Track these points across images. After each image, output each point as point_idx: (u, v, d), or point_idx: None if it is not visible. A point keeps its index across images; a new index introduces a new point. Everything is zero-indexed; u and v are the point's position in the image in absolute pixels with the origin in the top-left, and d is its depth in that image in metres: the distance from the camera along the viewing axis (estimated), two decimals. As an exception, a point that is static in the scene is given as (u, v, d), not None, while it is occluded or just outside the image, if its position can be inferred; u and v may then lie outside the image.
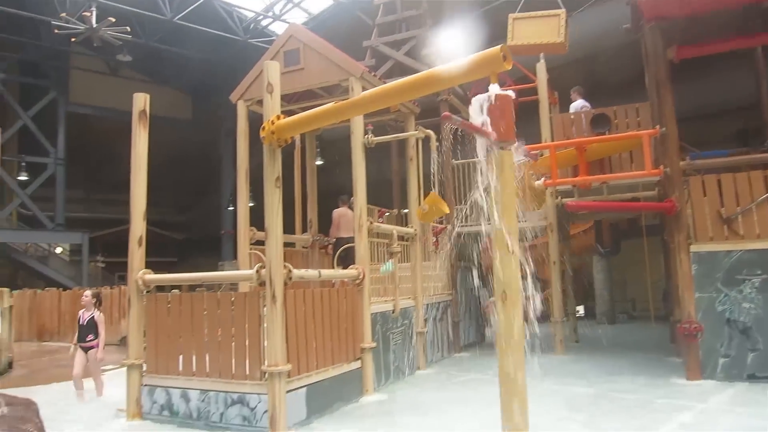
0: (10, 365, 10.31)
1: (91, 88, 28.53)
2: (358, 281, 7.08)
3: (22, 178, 26.87)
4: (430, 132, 8.61)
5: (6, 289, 10.75)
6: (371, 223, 7.52)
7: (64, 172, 27.30)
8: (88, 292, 8.05)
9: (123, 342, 13.63)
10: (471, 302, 11.40)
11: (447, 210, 8.30)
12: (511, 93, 3.21)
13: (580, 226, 14.63)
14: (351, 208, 8.17)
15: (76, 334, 7.71)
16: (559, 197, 9.66)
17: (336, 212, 9.44)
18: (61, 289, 16.56)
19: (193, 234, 36.87)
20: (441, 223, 10.13)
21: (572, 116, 9.64)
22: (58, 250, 29.20)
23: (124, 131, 8.08)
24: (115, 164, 23.59)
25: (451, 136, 9.86)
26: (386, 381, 7.62)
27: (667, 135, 7.44)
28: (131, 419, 6.22)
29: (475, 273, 11.51)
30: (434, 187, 8.32)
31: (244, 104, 8.46)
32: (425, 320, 9.04)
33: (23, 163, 27.05)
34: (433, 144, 8.49)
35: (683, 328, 6.96)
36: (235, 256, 10.77)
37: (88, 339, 7.58)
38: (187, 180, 33.03)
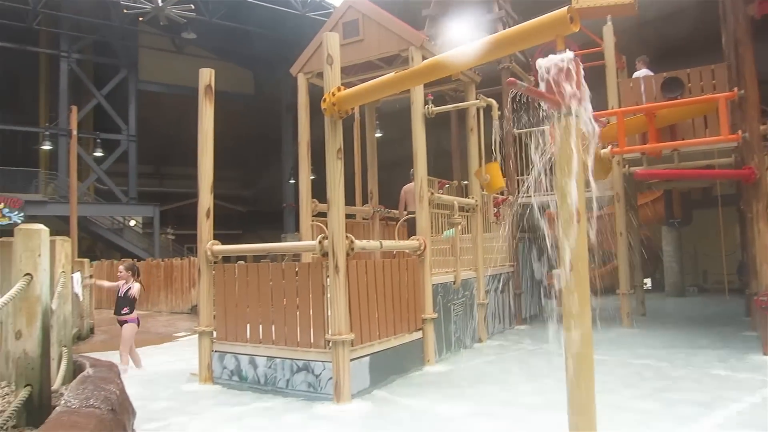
0: (91, 331, 11.02)
1: (158, 66, 29.56)
2: (419, 252, 7.09)
3: (98, 154, 28.29)
4: (492, 100, 8.42)
5: (86, 260, 11.44)
6: (432, 194, 7.48)
7: (135, 148, 28.58)
8: (121, 267, 7.85)
9: (193, 310, 14.29)
10: (533, 274, 11.23)
11: (502, 184, 8.17)
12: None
13: (648, 196, 14.08)
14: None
15: (114, 307, 7.60)
16: (627, 166, 9.30)
17: (403, 189, 9.33)
18: (135, 259, 17.44)
19: (256, 207, 37.87)
20: (502, 194, 9.97)
21: (642, 80, 9.17)
22: (132, 222, 30.68)
23: (191, 107, 8.33)
24: (183, 139, 24.45)
25: (514, 105, 9.63)
26: (447, 352, 7.66)
27: (745, 98, 6.99)
28: (203, 383, 6.52)
29: (537, 245, 11.32)
30: (495, 157, 8.18)
31: (304, 77, 8.53)
32: (486, 292, 8.98)
33: (98, 140, 28.45)
34: (495, 113, 8.31)
35: (760, 301, 6.63)
36: (297, 229, 10.99)
37: (123, 312, 7.41)
38: (250, 154, 33.83)
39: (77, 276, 8.16)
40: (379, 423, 4.97)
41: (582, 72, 2.91)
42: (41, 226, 3.44)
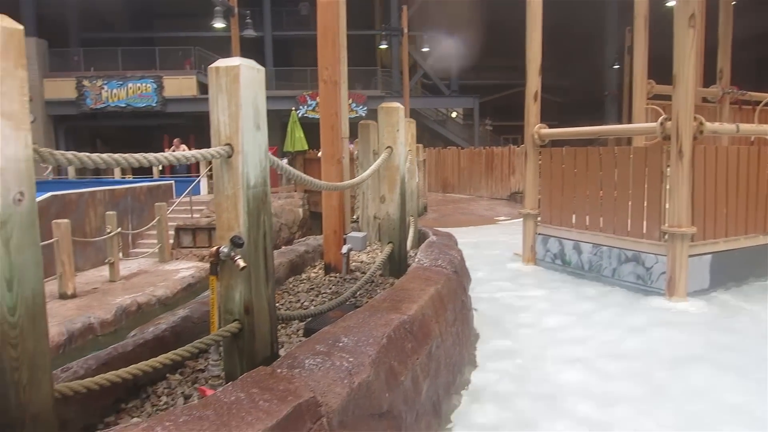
0: (425, 209, 12.36)
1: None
2: (787, 139, 5.86)
3: (425, 49, 30.24)
4: None
5: (420, 145, 12.63)
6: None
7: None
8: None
9: (512, 197, 14.78)
10: None
11: None
12: None
13: None
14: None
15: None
16: None
17: None
18: (460, 147, 18.62)
19: (572, 97, 36.21)
20: None
21: None
22: (454, 114, 32.59)
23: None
24: (503, 30, 24.34)
25: None
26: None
27: None
28: (526, 263, 6.77)
29: None
30: None
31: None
32: None
33: (425, 35, 30.27)
34: None
35: None
36: (617, 119, 10.14)
37: None
38: (567, 41, 31.98)
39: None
40: (717, 324, 4.48)
41: None
42: (398, 104, 3.83)
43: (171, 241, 12.08)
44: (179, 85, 25.05)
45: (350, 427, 1.95)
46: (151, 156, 1.78)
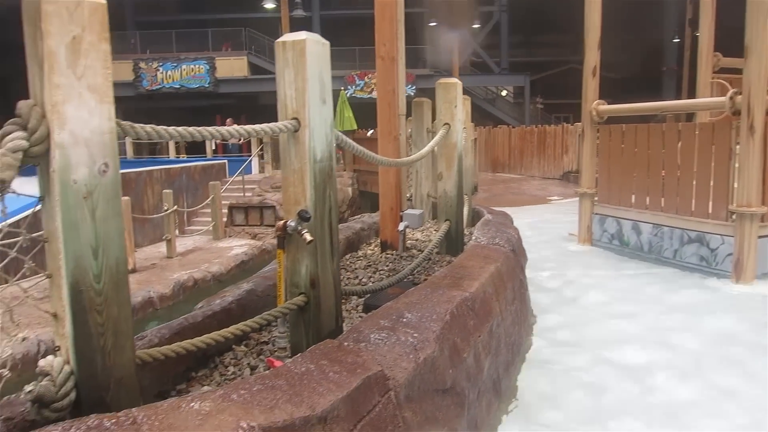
0: (475, 188, 12.22)
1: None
2: None
3: (476, 25, 29.68)
4: None
5: (472, 124, 12.44)
6: None
7: (507, 19, 28.92)
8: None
9: (564, 177, 14.45)
10: None
11: None
12: None
13: None
14: None
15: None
16: None
17: None
18: (510, 126, 18.28)
19: (627, 73, 34.93)
20: None
21: None
22: (503, 92, 31.95)
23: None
24: (554, 6, 23.61)
25: None
26: None
27: None
28: (581, 244, 6.62)
29: None
30: None
31: None
32: None
33: (474, 12, 29.69)
34: None
35: None
36: (676, 95, 9.70)
37: None
38: (622, 15, 30.75)
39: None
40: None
41: None
42: (456, 80, 3.76)
43: (224, 219, 12.37)
44: (230, 66, 25.44)
45: (416, 401, 1.95)
46: (223, 129, 1.80)
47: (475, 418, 2.42)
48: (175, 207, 10.58)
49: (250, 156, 16.71)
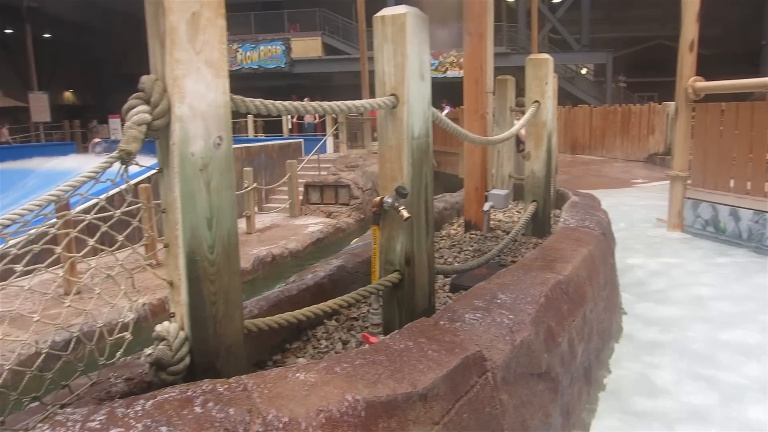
0: (556, 170, 11.83)
1: None
2: None
3: (556, 1, 28.57)
4: None
5: (550, 104, 12.02)
6: None
7: (589, -8, 27.65)
8: None
9: (650, 159, 13.75)
10: None
11: None
12: None
13: None
14: None
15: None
16: None
17: None
18: (592, 106, 17.55)
19: (721, 49, 32.65)
20: None
21: None
22: (584, 70, 30.71)
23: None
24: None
25: None
26: None
27: None
28: (671, 230, 6.28)
29: None
30: None
31: None
32: None
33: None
34: None
35: None
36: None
37: None
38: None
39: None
40: None
41: None
42: (547, 56, 3.62)
43: (300, 197, 12.63)
44: (305, 47, 25.76)
45: (512, 384, 1.91)
46: (325, 104, 1.81)
47: (567, 404, 2.36)
48: (255, 184, 10.89)
49: (325, 135, 16.93)
